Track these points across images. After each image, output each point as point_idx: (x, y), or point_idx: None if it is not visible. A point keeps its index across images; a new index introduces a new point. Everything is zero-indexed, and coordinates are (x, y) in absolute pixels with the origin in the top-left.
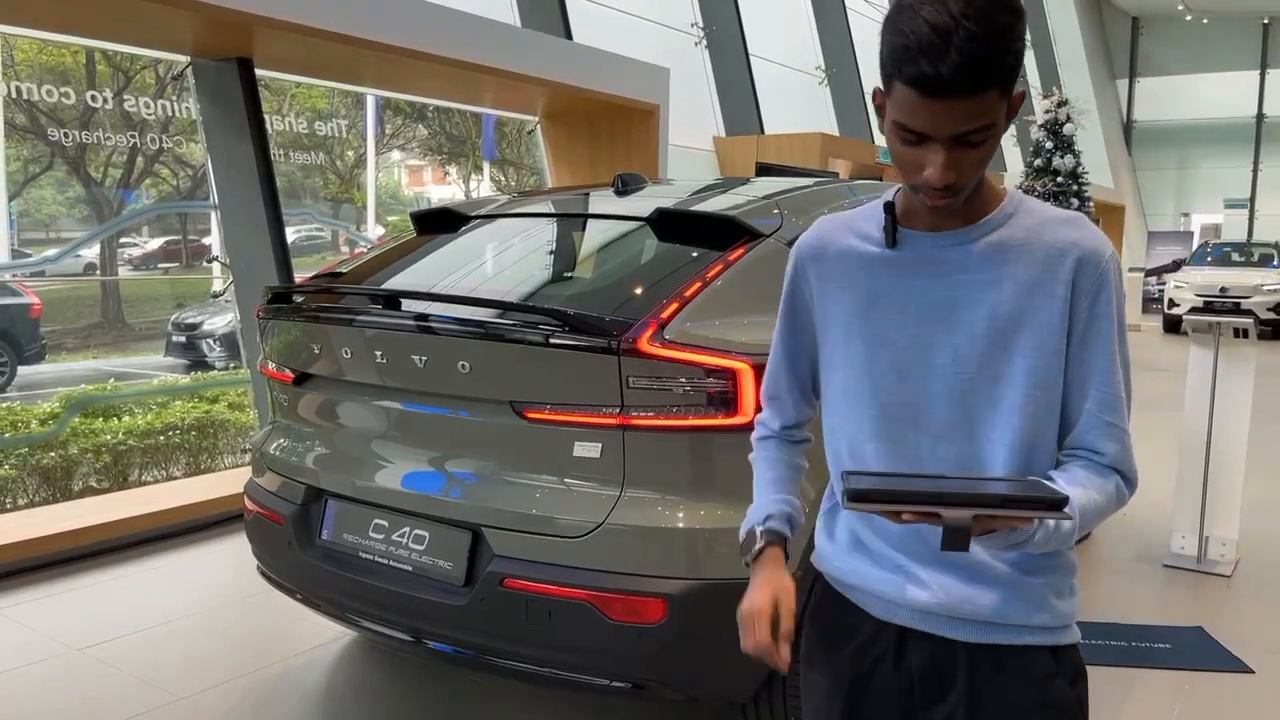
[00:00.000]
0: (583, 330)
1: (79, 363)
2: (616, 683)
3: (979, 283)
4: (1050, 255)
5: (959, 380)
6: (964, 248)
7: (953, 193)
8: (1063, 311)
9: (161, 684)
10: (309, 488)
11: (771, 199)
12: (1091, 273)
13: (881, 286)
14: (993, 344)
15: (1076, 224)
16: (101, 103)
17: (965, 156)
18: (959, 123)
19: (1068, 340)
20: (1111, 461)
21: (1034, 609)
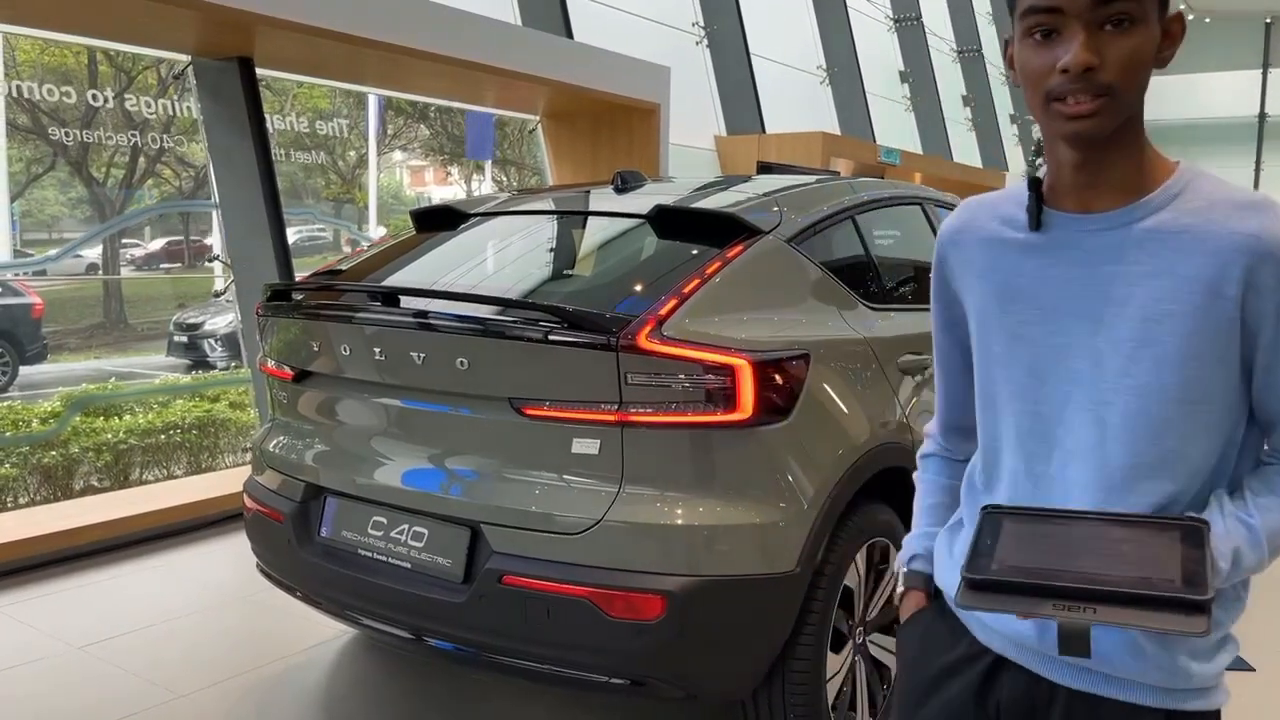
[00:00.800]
0: (581, 327)
1: (81, 362)
2: (615, 680)
3: (1130, 276)
4: (1221, 247)
5: (1097, 391)
6: (1116, 233)
7: (1097, 91)
8: (1232, 315)
9: (161, 682)
10: (308, 485)
11: (770, 196)
12: (1275, 269)
13: (1022, 276)
14: (1139, 350)
15: (1258, 209)
16: (102, 102)
17: (1109, 43)
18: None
19: (1254, 343)
20: None
21: (1151, 664)
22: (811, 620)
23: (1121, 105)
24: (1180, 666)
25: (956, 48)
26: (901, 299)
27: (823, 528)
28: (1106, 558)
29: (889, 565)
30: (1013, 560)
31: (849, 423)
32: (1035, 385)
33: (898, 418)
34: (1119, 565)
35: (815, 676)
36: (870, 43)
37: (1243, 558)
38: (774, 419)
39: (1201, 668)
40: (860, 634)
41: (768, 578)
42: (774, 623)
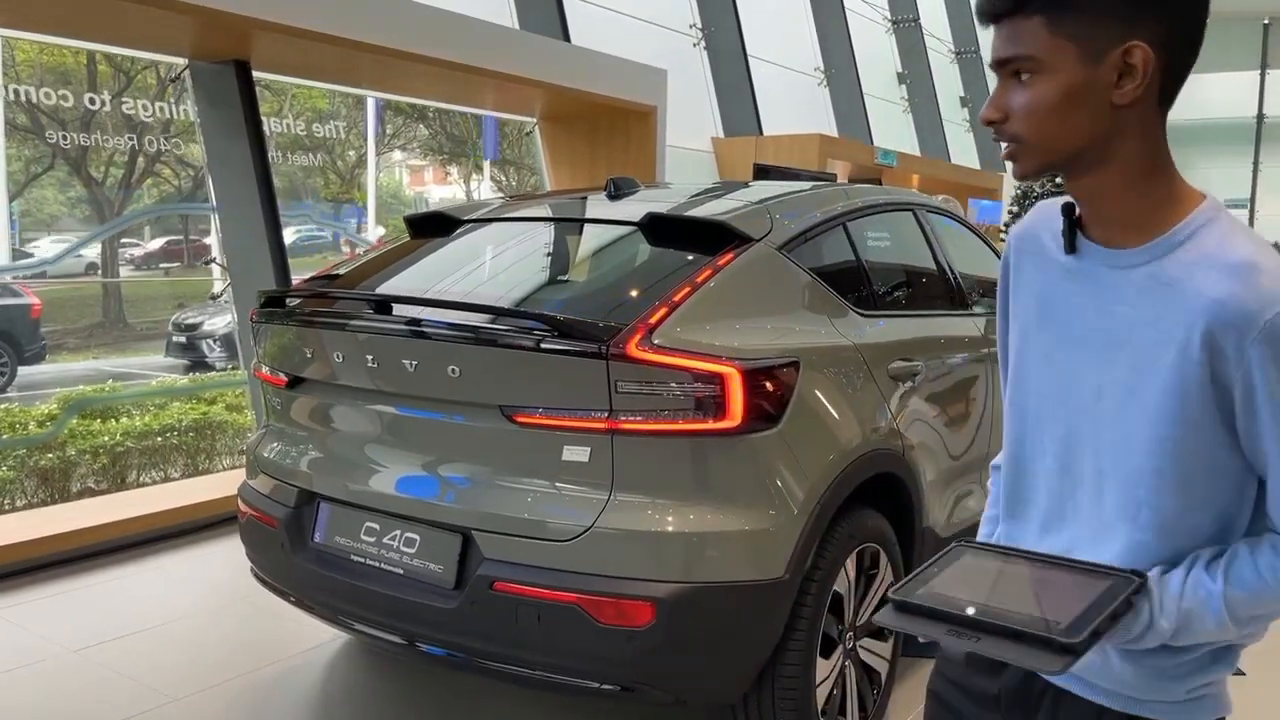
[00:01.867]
0: (571, 335)
1: (79, 363)
2: (606, 685)
3: (1130, 320)
4: (1192, 308)
5: (1097, 426)
6: (1126, 272)
7: (1004, 139)
8: (1200, 377)
9: (156, 686)
10: (302, 491)
11: (763, 203)
12: (1235, 339)
13: (1057, 297)
14: (1128, 396)
15: (1234, 274)
16: (100, 105)
17: (1011, 94)
18: (999, 49)
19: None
20: None
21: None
22: (801, 626)
23: (1038, 150)
24: (1140, 680)
25: (954, 49)
26: (893, 305)
27: (812, 534)
28: (1020, 597)
29: (878, 570)
30: (939, 589)
31: (839, 429)
32: (1056, 407)
33: (888, 424)
34: (1026, 605)
35: (805, 682)
36: (868, 44)
37: (1194, 620)
38: (764, 426)
39: (1165, 684)
40: (850, 639)
41: (757, 584)
42: (763, 628)
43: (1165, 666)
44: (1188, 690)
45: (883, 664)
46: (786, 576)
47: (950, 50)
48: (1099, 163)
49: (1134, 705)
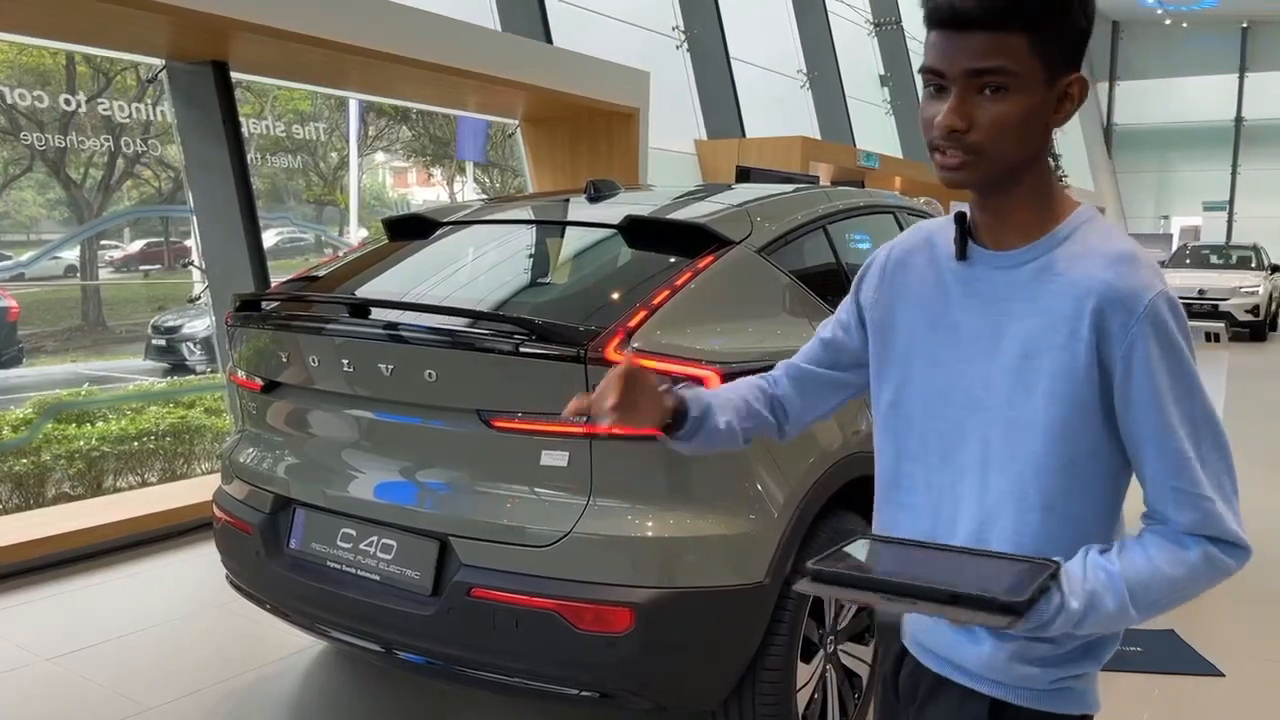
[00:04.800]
0: (549, 339)
1: (58, 366)
2: (585, 692)
3: (1018, 312)
4: (1076, 291)
5: (985, 416)
6: (1014, 271)
7: (963, 149)
8: (1088, 358)
9: (131, 694)
10: (277, 496)
11: (744, 206)
12: (1122, 319)
13: (949, 302)
14: (1017, 382)
15: (1118, 261)
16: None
17: (979, 107)
18: (972, 58)
19: (1110, 392)
20: (1192, 530)
21: (986, 660)
22: (781, 630)
23: (990, 162)
24: (1005, 665)
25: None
26: None
27: (792, 538)
28: (945, 575)
29: None
30: (860, 565)
31: (819, 433)
32: (942, 405)
33: (868, 427)
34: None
35: (785, 686)
36: (850, 46)
37: (1100, 601)
38: None
39: (1028, 670)
40: (831, 643)
41: (737, 589)
42: (744, 633)
43: (1034, 653)
44: (1052, 680)
45: (863, 668)
46: (767, 581)
47: None
48: (1019, 175)
49: (1000, 690)
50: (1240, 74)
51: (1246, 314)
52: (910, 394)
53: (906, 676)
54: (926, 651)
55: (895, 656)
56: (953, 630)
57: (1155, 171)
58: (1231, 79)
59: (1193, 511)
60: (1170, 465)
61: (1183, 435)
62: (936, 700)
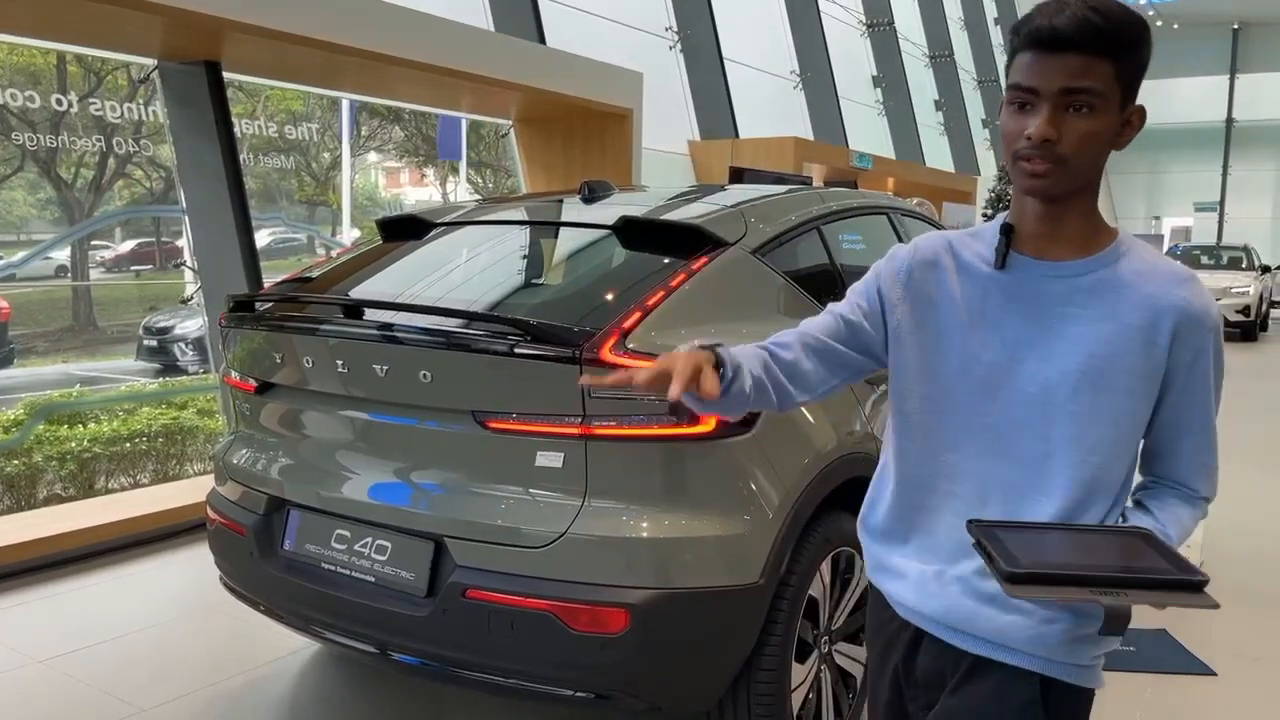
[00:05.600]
0: (544, 340)
1: (49, 367)
2: (580, 693)
3: (1082, 318)
4: (1156, 305)
5: (1044, 412)
6: (1070, 280)
7: (1051, 158)
8: (1161, 362)
9: (124, 696)
10: (271, 498)
11: (738, 207)
12: (1198, 332)
13: (989, 305)
14: (1083, 382)
15: (1187, 284)
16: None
17: (1068, 122)
18: (1067, 77)
19: (1163, 387)
20: (1206, 496)
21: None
22: (776, 631)
23: (1072, 173)
24: (1057, 645)
25: (929, 52)
26: None
27: (787, 539)
28: (1094, 556)
29: (853, 575)
30: (1030, 558)
31: (813, 433)
32: (986, 402)
33: (862, 427)
34: (1110, 561)
35: (780, 687)
36: (843, 47)
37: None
38: (738, 431)
39: (1076, 648)
40: (825, 643)
41: (732, 589)
42: (739, 634)
43: (1080, 633)
44: (1093, 656)
45: (858, 668)
46: (761, 581)
47: (925, 54)
48: (1084, 190)
49: (1050, 667)
50: (1231, 75)
51: (1237, 314)
52: (952, 391)
53: (930, 663)
54: (960, 634)
55: (908, 642)
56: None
57: (1146, 172)
58: (1222, 80)
59: (1210, 482)
60: (1204, 444)
61: (1213, 424)
62: (977, 681)
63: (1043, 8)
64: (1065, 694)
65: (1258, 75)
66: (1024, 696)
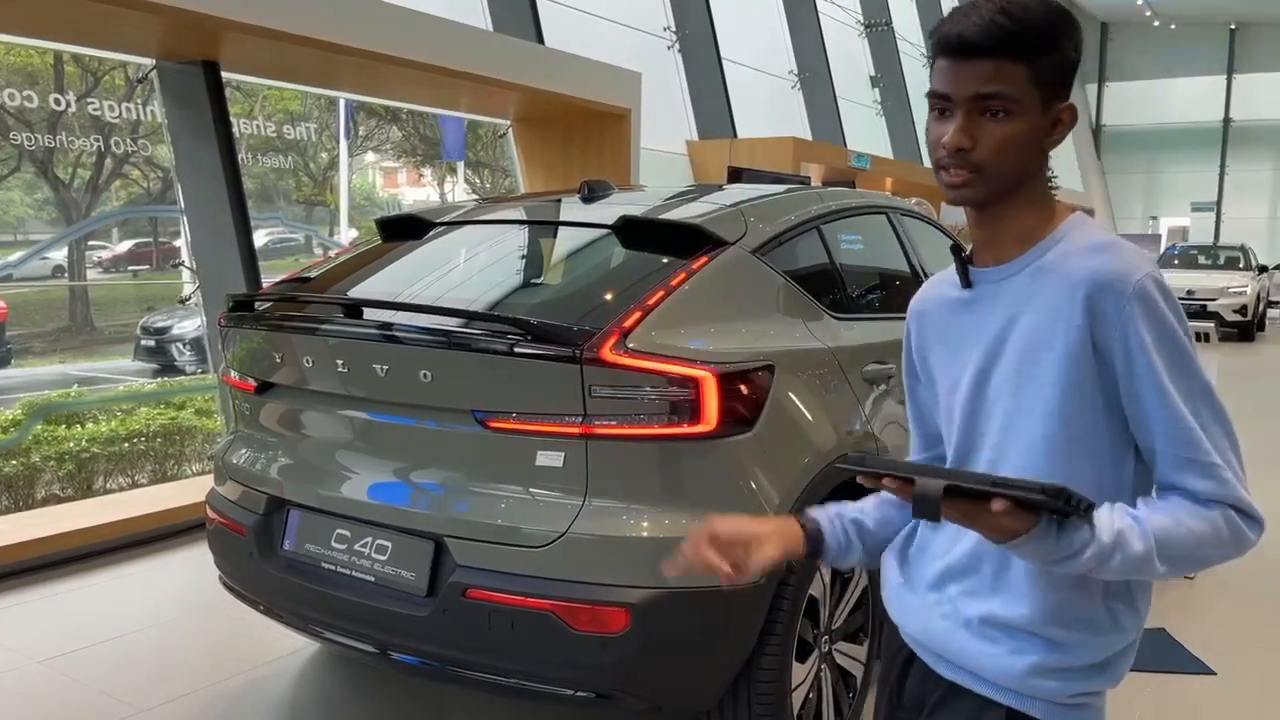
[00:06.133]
0: (545, 339)
1: (46, 367)
2: (580, 693)
3: (1020, 314)
4: (1069, 282)
5: (1001, 413)
6: (1014, 278)
7: (967, 166)
8: (1082, 341)
9: (123, 696)
10: (271, 497)
11: (737, 206)
12: (1113, 300)
13: (963, 327)
14: (1020, 376)
15: (1103, 250)
16: (66, 106)
17: (983, 128)
18: (978, 83)
19: (1112, 375)
20: (1211, 496)
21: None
22: (776, 630)
23: (991, 180)
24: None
25: (926, 53)
26: (867, 308)
27: None
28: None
29: (853, 574)
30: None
31: (814, 432)
32: (967, 415)
33: (862, 427)
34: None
35: (780, 686)
36: (841, 47)
37: (1127, 542)
38: (739, 430)
39: (1046, 683)
40: (825, 643)
41: (732, 589)
42: (739, 633)
43: (1053, 667)
44: (1071, 695)
45: (858, 667)
46: (762, 581)
47: (922, 54)
48: (1015, 192)
49: (1018, 700)
50: (1228, 75)
51: (1235, 314)
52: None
53: (915, 684)
54: (940, 659)
55: (902, 662)
56: (975, 638)
57: (1144, 172)
58: (1219, 80)
59: (1207, 479)
60: (1179, 439)
61: (1185, 410)
62: (948, 708)
63: (954, 13)
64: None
65: (1255, 75)
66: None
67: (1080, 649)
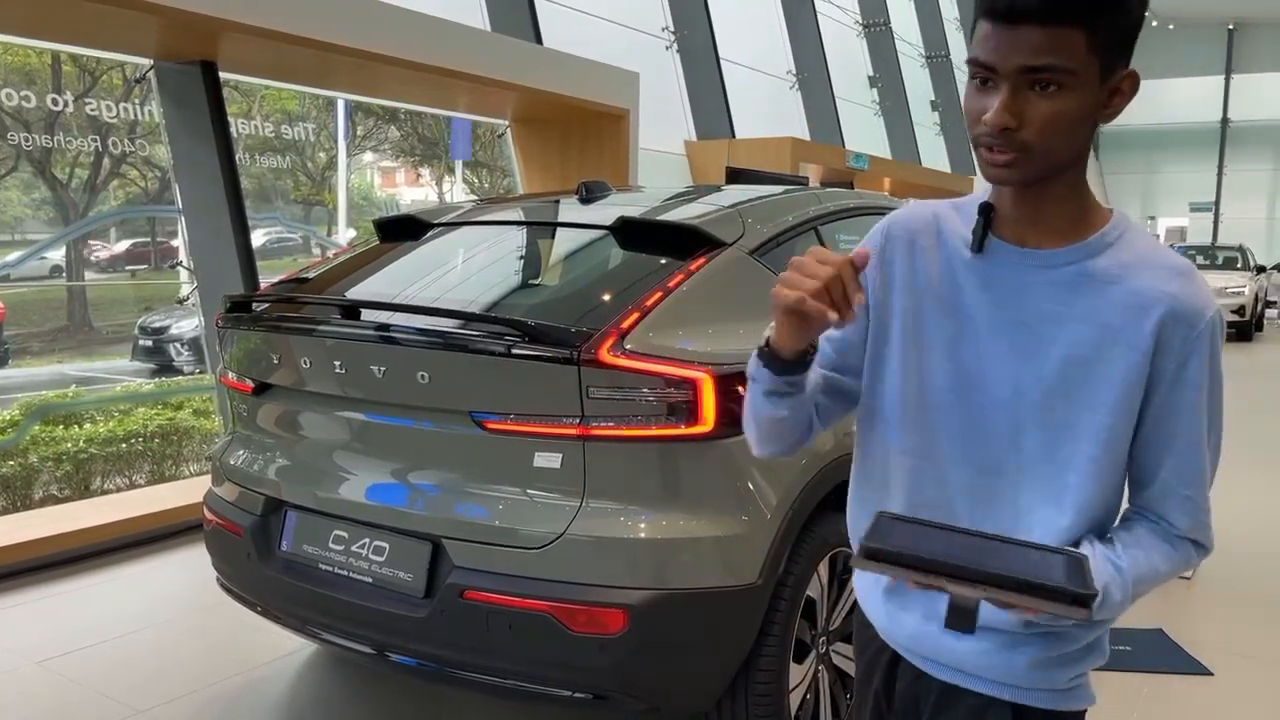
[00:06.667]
0: (542, 340)
1: (44, 367)
2: (578, 694)
3: (1059, 316)
4: (1140, 302)
5: (1016, 418)
6: (1051, 272)
7: (1011, 146)
8: (1142, 368)
9: (121, 697)
10: (268, 499)
11: (735, 207)
12: (1184, 333)
13: (963, 294)
14: (1060, 389)
15: (1180, 274)
16: (64, 106)
17: (1031, 104)
18: (1026, 54)
19: (1147, 396)
20: (1185, 533)
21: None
22: (774, 631)
23: (1039, 160)
24: (1026, 672)
25: (925, 53)
26: None
27: (785, 539)
28: (998, 560)
29: (851, 575)
30: (912, 548)
31: None
32: (956, 400)
33: None
34: (1010, 566)
35: (778, 687)
36: (839, 48)
37: (1110, 595)
38: (736, 431)
39: (1047, 674)
40: (823, 644)
41: (730, 590)
42: (737, 635)
43: (1050, 657)
44: (1069, 679)
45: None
46: (760, 582)
47: (921, 54)
48: (1065, 171)
49: (1020, 694)
50: (1226, 75)
51: (1233, 314)
52: (916, 386)
53: (905, 689)
54: (931, 662)
55: (886, 665)
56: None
57: (1142, 172)
58: (1218, 80)
59: (1192, 519)
60: (1188, 476)
61: (1206, 453)
62: (950, 710)
63: None
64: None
65: (1253, 75)
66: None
67: (1073, 636)
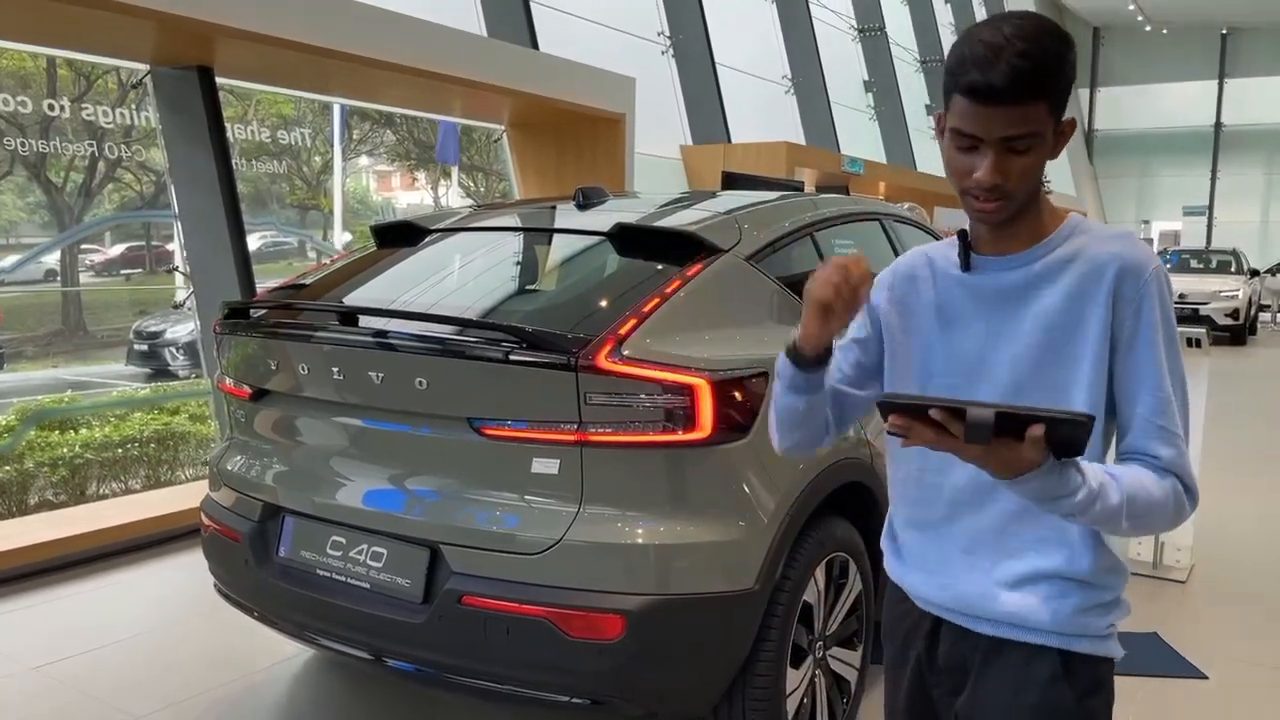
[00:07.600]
0: (540, 347)
1: (39, 372)
2: (576, 699)
3: (1036, 297)
4: (1094, 267)
5: (1014, 385)
6: (1024, 269)
7: (998, 196)
8: (1105, 319)
9: (118, 703)
10: (266, 504)
11: (732, 213)
12: (1133, 281)
13: (960, 304)
14: (1047, 353)
15: (1122, 239)
16: (59, 110)
17: (1012, 163)
18: (1007, 127)
19: (1113, 349)
20: (1168, 465)
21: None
22: (771, 636)
23: (1016, 201)
24: (1071, 618)
25: (920, 58)
26: None
27: (782, 544)
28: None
29: (848, 580)
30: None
31: None
32: (965, 385)
33: (856, 433)
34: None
35: (775, 692)
36: (834, 53)
37: (1106, 493)
38: (734, 437)
39: (1088, 620)
40: (820, 649)
41: (728, 595)
42: (734, 640)
43: (1090, 605)
44: (1106, 626)
45: (852, 673)
46: (757, 587)
47: (916, 59)
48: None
49: (1066, 641)
50: (1220, 80)
51: (1226, 318)
52: (941, 388)
53: (949, 650)
54: (978, 619)
55: (927, 632)
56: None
57: (1136, 176)
58: (1211, 85)
59: (1170, 448)
60: (1158, 405)
61: (1169, 383)
62: (997, 663)
63: (975, 59)
64: (1086, 664)
65: (1246, 80)
66: (1047, 673)
67: (1105, 587)
